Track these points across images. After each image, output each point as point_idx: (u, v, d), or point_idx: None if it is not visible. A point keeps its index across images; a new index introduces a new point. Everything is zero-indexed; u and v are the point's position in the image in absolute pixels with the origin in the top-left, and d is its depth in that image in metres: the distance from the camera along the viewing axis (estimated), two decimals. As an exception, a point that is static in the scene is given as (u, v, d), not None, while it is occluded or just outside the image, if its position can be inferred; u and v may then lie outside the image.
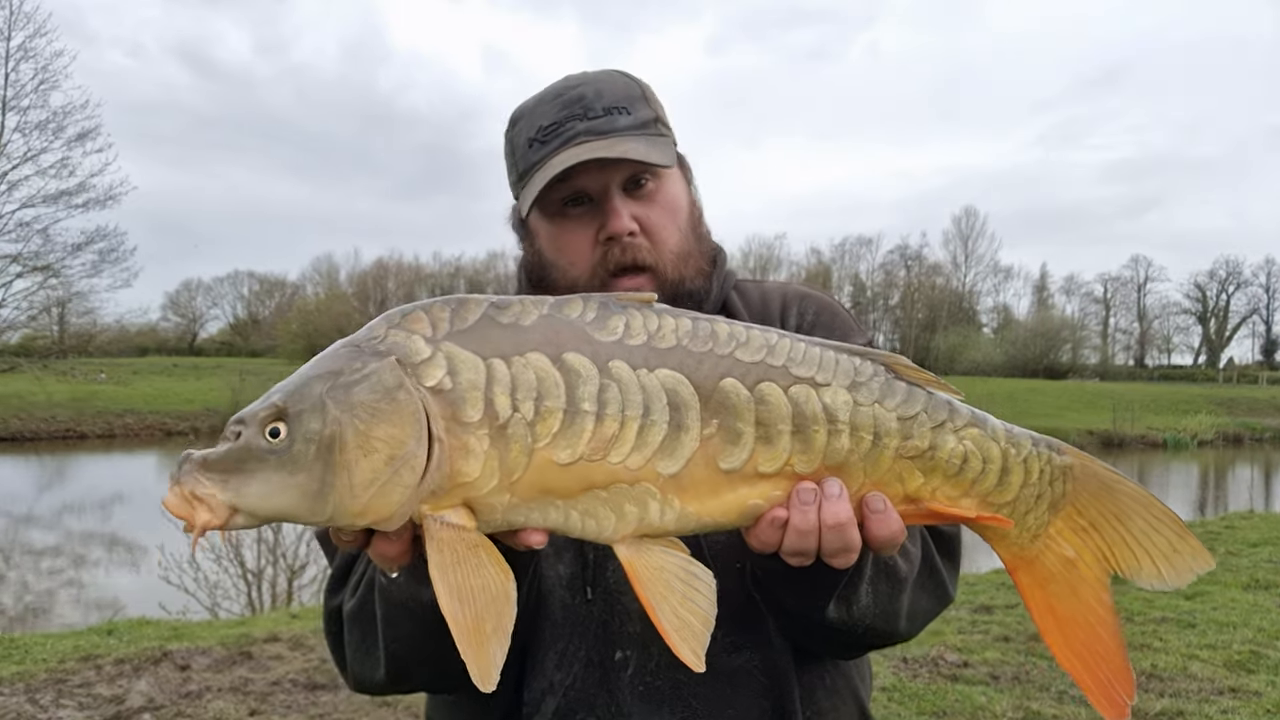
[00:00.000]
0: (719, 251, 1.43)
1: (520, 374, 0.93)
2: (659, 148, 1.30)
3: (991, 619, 6.26)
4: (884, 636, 1.25)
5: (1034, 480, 1.07)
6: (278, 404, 0.90)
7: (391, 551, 0.96)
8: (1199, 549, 1.06)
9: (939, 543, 1.31)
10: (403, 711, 4.63)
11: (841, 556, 1.02)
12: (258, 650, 5.51)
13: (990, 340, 66.85)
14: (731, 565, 1.22)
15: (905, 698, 4.72)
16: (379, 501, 0.89)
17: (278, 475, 0.88)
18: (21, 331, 24.72)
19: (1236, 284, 72.26)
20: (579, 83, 1.33)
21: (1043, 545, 1.09)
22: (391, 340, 0.93)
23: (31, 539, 14.18)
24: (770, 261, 69.81)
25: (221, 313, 76.58)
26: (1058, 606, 1.08)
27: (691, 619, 0.95)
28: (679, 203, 1.35)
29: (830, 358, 1.03)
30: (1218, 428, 34.21)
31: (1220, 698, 4.70)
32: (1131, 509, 1.07)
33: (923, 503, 1.05)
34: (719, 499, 0.98)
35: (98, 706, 4.60)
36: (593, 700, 1.23)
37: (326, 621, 1.30)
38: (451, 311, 0.96)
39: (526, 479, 0.92)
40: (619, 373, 0.95)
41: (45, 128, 22.43)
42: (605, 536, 0.96)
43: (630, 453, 0.94)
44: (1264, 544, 9.07)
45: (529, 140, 1.32)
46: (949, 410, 1.05)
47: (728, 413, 0.98)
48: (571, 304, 0.99)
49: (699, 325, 1.01)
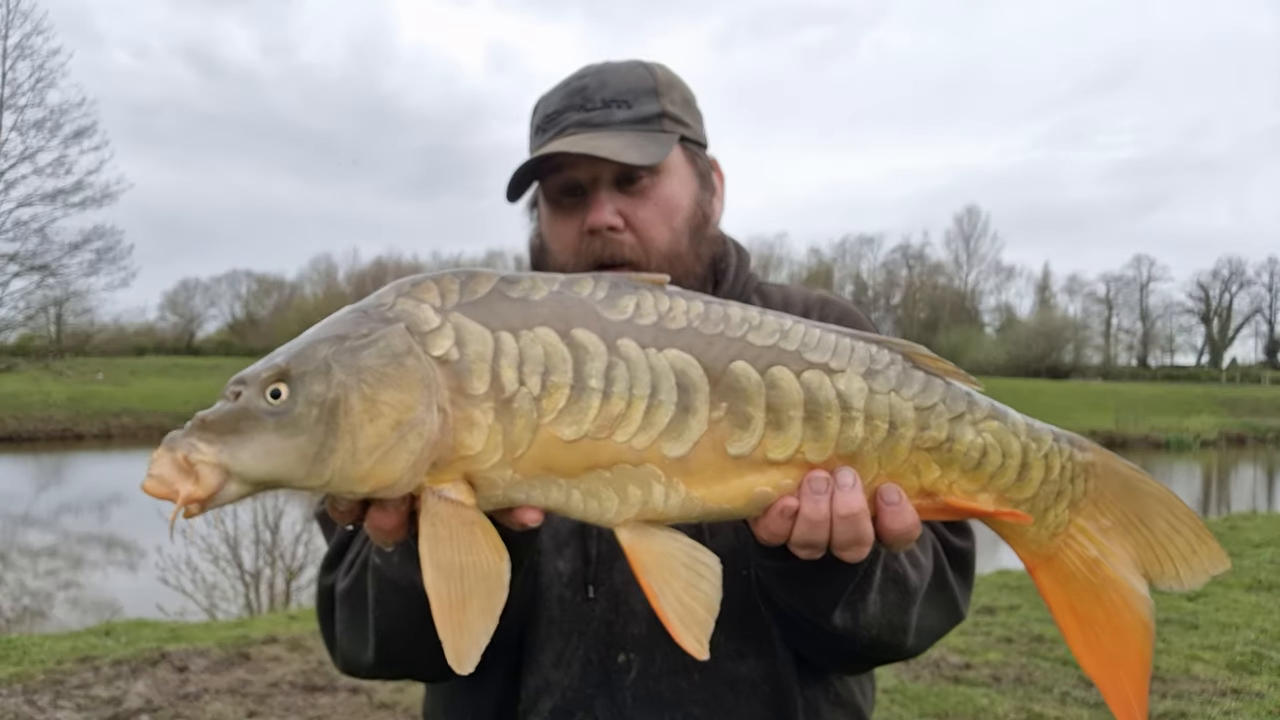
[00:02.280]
0: (728, 254, 1.41)
1: (528, 348, 0.91)
2: (646, 145, 1.28)
3: (994, 620, 6.25)
4: (890, 650, 1.22)
5: (1054, 476, 1.04)
6: (281, 365, 0.88)
7: (388, 524, 0.94)
8: (1217, 550, 1.03)
9: (951, 558, 1.28)
10: (401, 714, 4.61)
11: (853, 550, 0.99)
12: (256, 652, 5.49)
13: (992, 340, 67.10)
14: (737, 571, 1.19)
15: (907, 699, 4.70)
16: (383, 467, 0.87)
17: (276, 437, 0.86)
18: (19, 331, 24.69)
19: (1240, 283, 72.55)
20: (588, 73, 1.34)
21: (1062, 543, 1.05)
22: (400, 308, 0.92)
23: (29, 540, 14.14)
24: (771, 260, 70.02)
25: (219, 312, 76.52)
26: (1079, 607, 1.05)
27: (696, 606, 0.92)
28: (676, 202, 1.33)
29: (846, 344, 1.00)
30: (1221, 428, 34.30)
31: (1223, 699, 4.69)
32: (1154, 509, 1.04)
33: (939, 496, 1.01)
34: (726, 485, 0.95)
35: (95, 708, 4.58)
36: (591, 702, 1.22)
37: (319, 599, 1.29)
38: (461, 283, 0.94)
39: (530, 455, 0.91)
40: (627, 351, 0.93)
41: (42, 126, 22.38)
42: (607, 519, 0.94)
43: (636, 433, 0.92)
44: (1267, 545, 9.05)
45: (535, 126, 1.36)
46: (968, 402, 1.02)
47: (737, 396, 0.95)
48: (582, 282, 0.97)
49: (711, 308, 0.98)
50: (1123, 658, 1.02)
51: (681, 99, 1.37)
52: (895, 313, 72.11)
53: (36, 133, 22.37)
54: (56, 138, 22.42)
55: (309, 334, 0.92)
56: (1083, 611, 1.04)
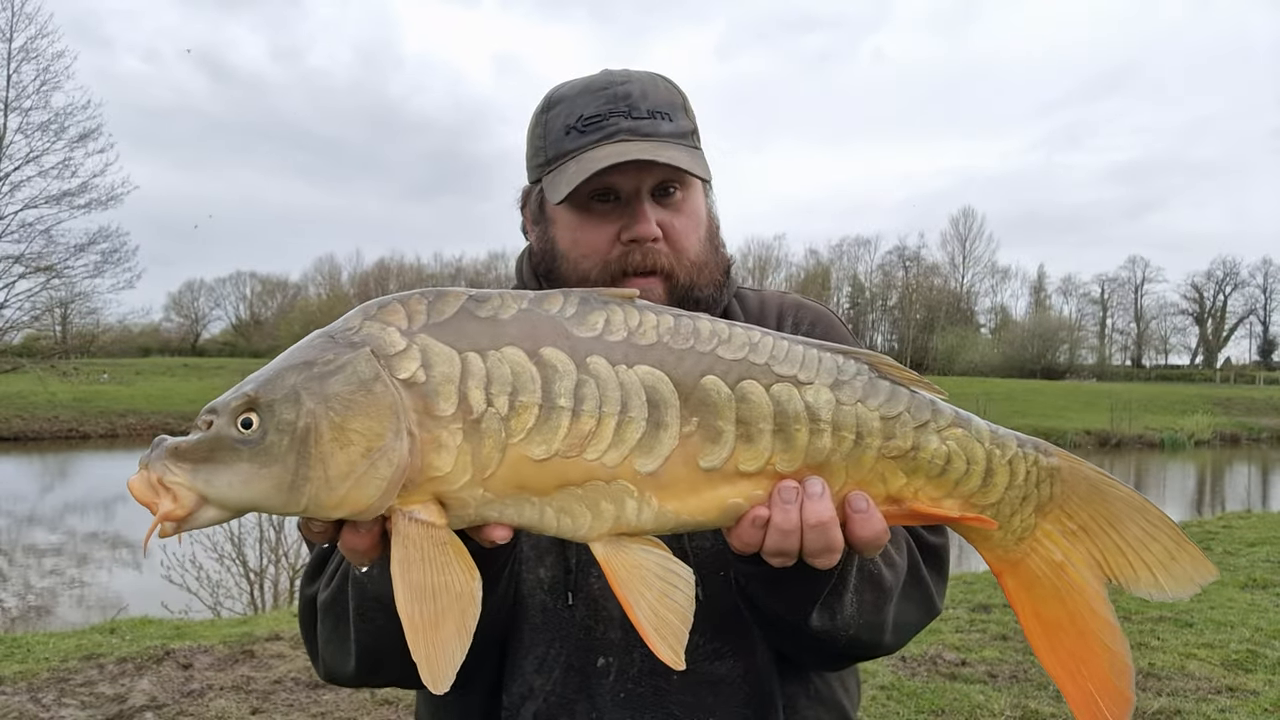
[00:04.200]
0: (731, 262, 1.45)
1: (495, 368, 0.91)
2: (698, 159, 1.31)
3: (989, 618, 6.27)
4: (869, 648, 1.25)
5: (1019, 482, 1.05)
6: (250, 394, 0.89)
7: (361, 545, 0.95)
8: (1199, 558, 1.03)
9: (926, 554, 1.30)
10: (404, 710, 4.64)
11: (824, 557, 1.01)
12: (260, 649, 5.51)
13: (988, 341, 66.97)
14: (715, 574, 1.22)
15: (903, 696, 4.73)
16: (355, 494, 0.88)
17: (250, 466, 0.87)
18: (24, 332, 24.78)
19: (1234, 284, 72.42)
20: (624, 80, 1.33)
21: (1028, 548, 1.07)
22: (366, 331, 0.92)
23: (34, 538, 14.20)
24: (769, 262, 69.87)
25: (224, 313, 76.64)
26: (1043, 611, 1.06)
27: (670, 616, 0.94)
28: (701, 214, 1.37)
29: (814, 356, 1.02)
30: (1215, 427, 34.19)
31: (1218, 697, 4.71)
32: (1124, 514, 1.04)
33: (905, 503, 1.03)
34: (699, 498, 0.97)
35: (100, 705, 4.61)
36: (573, 706, 1.23)
37: (301, 610, 1.30)
38: (429, 304, 0.94)
39: (500, 474, 0.91)
40: (597, 369, 0.94)
41: (47, 129, 22.52)
42: (581, 535, 0.95)
43: (607, 450, 0.93)
44: (1261, 543, 9.08)
45: (566, 127, 1.31)
46: (932, 410, 1.04)
47: (708, 410, 0.96)
48: (552, 299, 0.97)
49: (680, 322, 0.99)
50: (1085, 658, 1.03)
51: (695, 117, 1.39)
52: (892, 314, 71.96)
53: (42, 135, 22.51)
54: (61, 140, 22.55)
55: (277, 361, 0.93)
56: (1046, 615, 1.05)
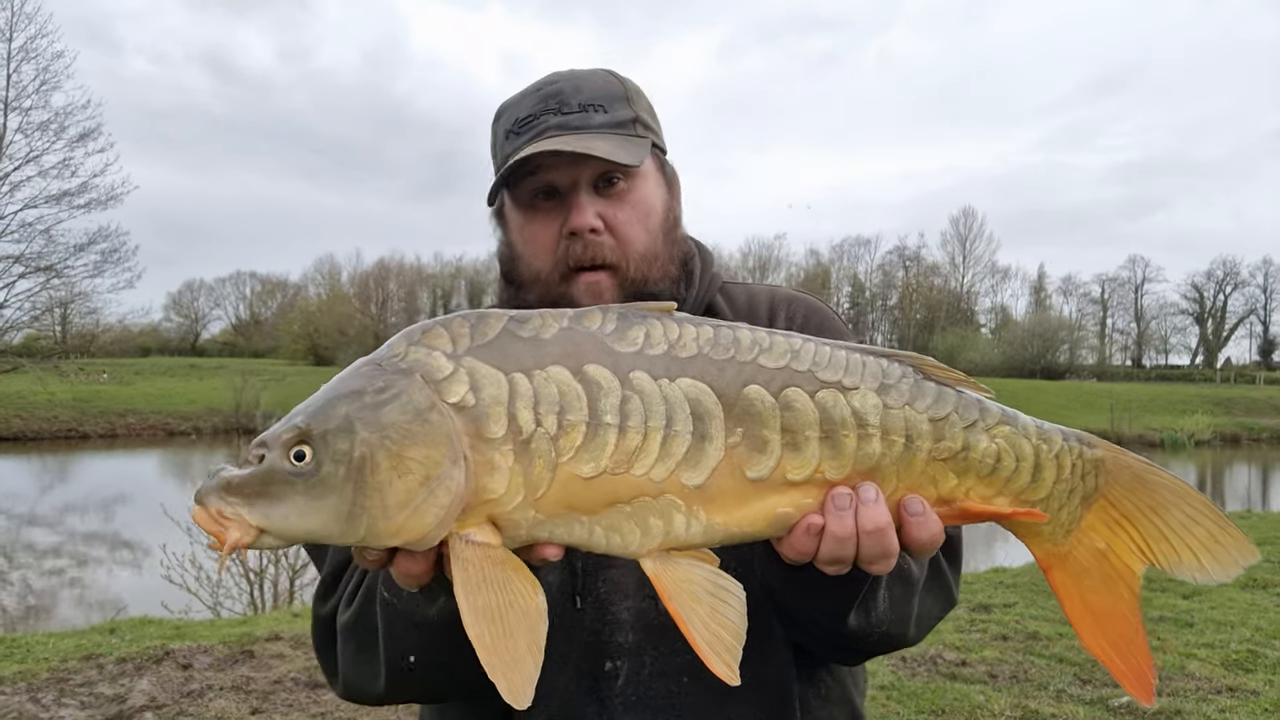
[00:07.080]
0: (694, 255, 1.42)
1: (542, 388, 0.91)
2: (629, 147, 1.29)
3: (989, 618, 6.28)
4: (894, 641, 1.24)
5: (1066, 475, 1.06)
6: (301, 426, 0.88)
7: (417, 570, 0.95)
8: (1242, 540, 1.04)
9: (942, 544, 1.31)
10: (404, 712, 4.64)
11: (880, 563, 1.00)
12: (260, 649, 5.52)
13: (988, 340, 67.03)
14: (740, 577, 1.21)
15: (904, 696, 4.73)
16: (414, 522, 0.88)
17: (306, 498, 0.87)
18: (24, 332, 24.82)
19: (1234, 284, 72.36)
20: (560, 78, 1.34)
21: (1076, 540, 1.08)
22: (413, 357, 0.92)
23: (34, 538, 14.20)
24: (769, 262, 69.97)
25: (224, 313, 76.81)
26: (1092, 599, 1.07)
27: (722, 631, 0.93)
28: (650, 204, 1.34)
29: (857, 360, 1.01)
30: (1215, 428, 34.24)
31: (1218, 697, 4.71)
32: (1167, 500, 1.05)
33: (957, 503, 1.03)
34: (747, 509, 0.96)
35: (100, 705, 4.61)
36: (583, 710, 1.23)
37: (317, 629, 1.28)
38: (471, 326, 0.94)
39: (551, 494, 0.91)
40: (640, 384, 0.94)
41: (47, 128, 22.58)
42: (631, 551, 0.94)
43: (654, 465, 0.93)
44: (1262, 544, 9.03)
45: (506, 131, 1.33)
46: (980, 409, 1.04)
47: (753, 420, 0.96)
48: (591, 315, 0.97)
49: (720, 333, 0.99)
50: (1132, 637, 1.06)
51: (647, 106, 1.38)
52: (892, 314, 72.08)
53: (41, 135, 22.54)
54: (61, 140, 22.58)
55: (324, 391, 0.92)
56: (1096, 603, 1.07)
